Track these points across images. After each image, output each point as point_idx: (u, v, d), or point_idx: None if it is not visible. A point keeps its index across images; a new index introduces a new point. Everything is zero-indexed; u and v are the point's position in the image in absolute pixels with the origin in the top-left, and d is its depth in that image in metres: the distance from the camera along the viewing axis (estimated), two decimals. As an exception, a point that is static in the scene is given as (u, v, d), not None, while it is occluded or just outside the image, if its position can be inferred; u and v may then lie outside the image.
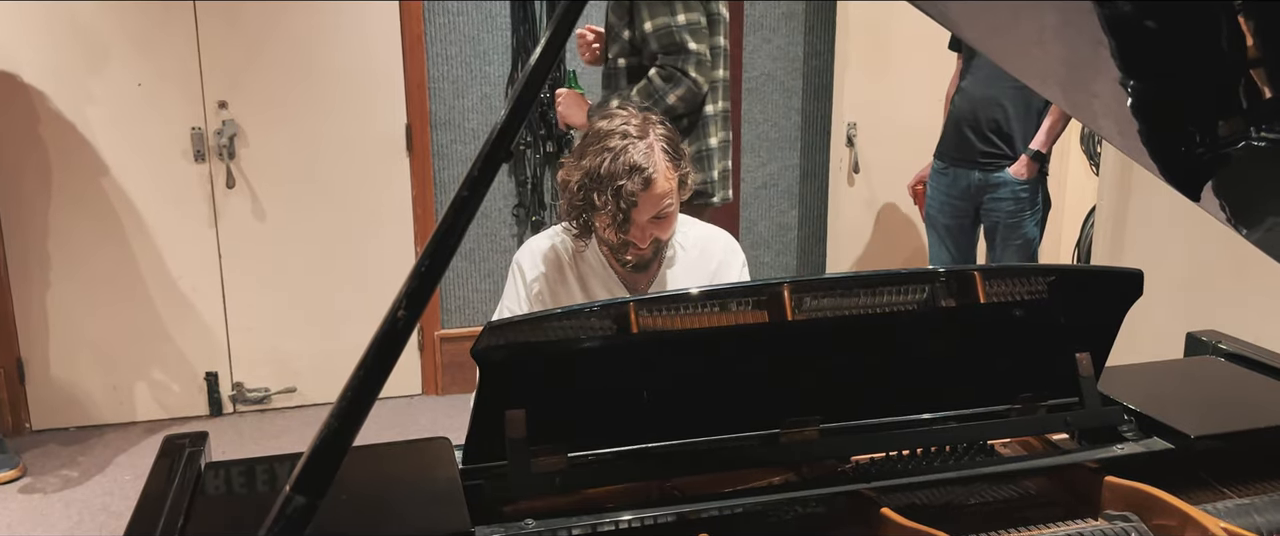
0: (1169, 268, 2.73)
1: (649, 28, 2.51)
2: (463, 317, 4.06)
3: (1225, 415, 1.40)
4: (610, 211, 1.81)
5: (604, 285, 1.98)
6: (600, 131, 1.86)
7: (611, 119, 1.87)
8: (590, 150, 1.84)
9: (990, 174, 3.46)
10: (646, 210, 1.84)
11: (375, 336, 0.84)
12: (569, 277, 1.99)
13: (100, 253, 3.63)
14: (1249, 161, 0.95)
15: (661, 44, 2.52)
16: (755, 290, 1.21)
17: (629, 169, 1.80)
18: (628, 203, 1.81)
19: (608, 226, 1.86)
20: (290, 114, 3.70)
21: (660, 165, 1.83)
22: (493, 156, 0.82)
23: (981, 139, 3.45)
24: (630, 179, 1.79)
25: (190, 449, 1.23)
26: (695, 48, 2.53)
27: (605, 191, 1.80)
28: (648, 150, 1.82)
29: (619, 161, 1.80)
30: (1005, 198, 3.46)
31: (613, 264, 1.98)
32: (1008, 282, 1.29)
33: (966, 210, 3.58)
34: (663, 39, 2.52)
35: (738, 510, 1.17)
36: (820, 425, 1.25)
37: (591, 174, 1.82)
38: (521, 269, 2.00)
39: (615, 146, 1.81)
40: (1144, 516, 1.16)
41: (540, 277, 1.98)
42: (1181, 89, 0.95)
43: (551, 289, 1.98)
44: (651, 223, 1.86)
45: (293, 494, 0.82)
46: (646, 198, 1.82)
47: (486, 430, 1.14)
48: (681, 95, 2.55)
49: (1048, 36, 0.98)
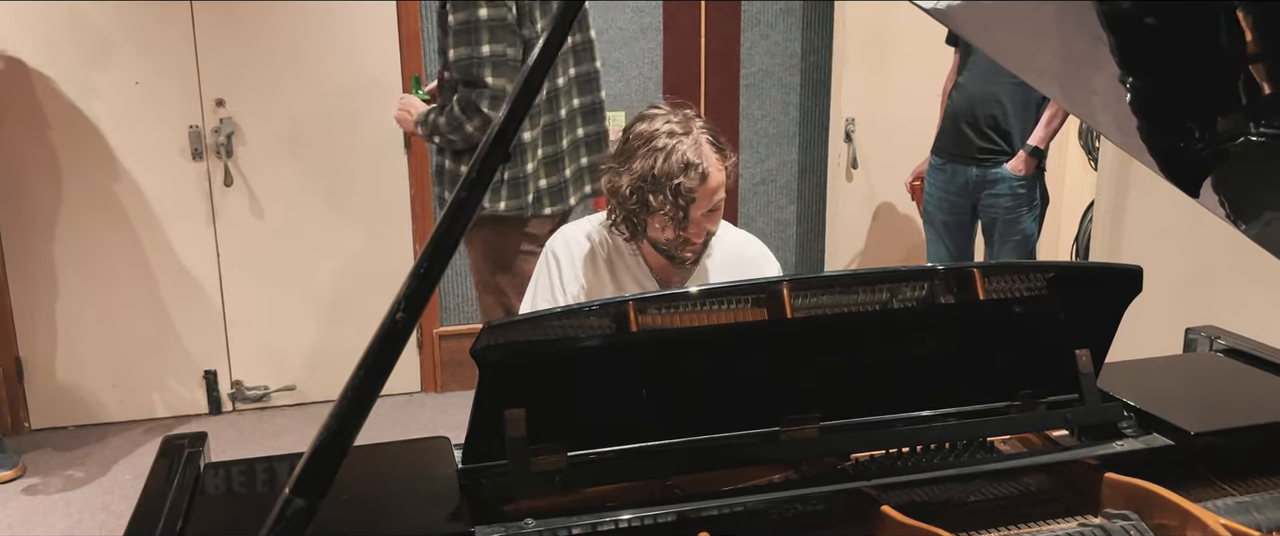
0: (1168, 263, 2.73)
1: (452, 56, 2.49)
2: (462, 315, 4.06)
3: (1225, 411, 1.40)
4: (669, 210, 1.82)
5: (636, 280, 1.98)
6: (643, 134, 1.85)
7: (651, 120, 1.87)
8: (639, 153, 1.84)
9: (988, 170, 3.46)
10: (702, 204, 1.85)
11: (374, 338, 0.84)
12: (603, 269, 1.98)
13: (99, 251, 3.63)
14: (1248, 157, 0.95)
15: (462, 75, 2.49)
16: (754, 288, 1.20)
17: (683, 166, 1.80)
18: (686, 199, 1.81)
19: (665, 226, 1.86)
20: (288, 112, 3.69)
21: (711, 158, 1.84)
22: (490, 158, 0.82)
23: (979, 135, 3.45)
24: (686, 175, 1.80)
25: (190, 449, 1.23)
26: (492, 82, 2.47)
27: (662, 191, 1.81)
28: (696, 145, 1.83)
29: (672, 160, 1.80)
30: (1003, 194, 3.45)
31: (649, 261, 1.97)
32: (1007, 279, 1.29)
33: (964, 206, 3.58)
34: (464, 70, 2.48)
35: (738, 508, 1.17)
36: (820, 423, 1.25)
37: (645, 176, 1.82)
38: (557, 258, 1.99)
39: (664, 146, 1.82)
40: (1144, 513, 1.16)
41: (575, 267, 1.98)
42: (1180, 85, 0.95)
43: (585, 280, 1.98)
44: (706, 216, 1.88)
45: (292, 496, 0.82)
46: (703, 191, 1.83)
47: (486, 429, 1.14)
48: (477, 126, 2.52)
49: (1046, 31, 0.97)
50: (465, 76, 2.49)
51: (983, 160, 3.46)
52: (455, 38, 2.46)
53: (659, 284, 1.98)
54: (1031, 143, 3.38)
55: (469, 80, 2.49)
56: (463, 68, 2.48)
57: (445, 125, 2.56)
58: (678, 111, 1.90)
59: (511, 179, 2.64)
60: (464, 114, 2.51)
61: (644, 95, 4.03)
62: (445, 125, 2.56)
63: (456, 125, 2.54)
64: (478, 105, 2.49)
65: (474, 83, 2.49)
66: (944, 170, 3.58)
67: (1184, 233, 2.72)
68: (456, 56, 2.47)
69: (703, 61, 4.07)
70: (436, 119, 2.60)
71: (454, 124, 2.54)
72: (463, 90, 2.51)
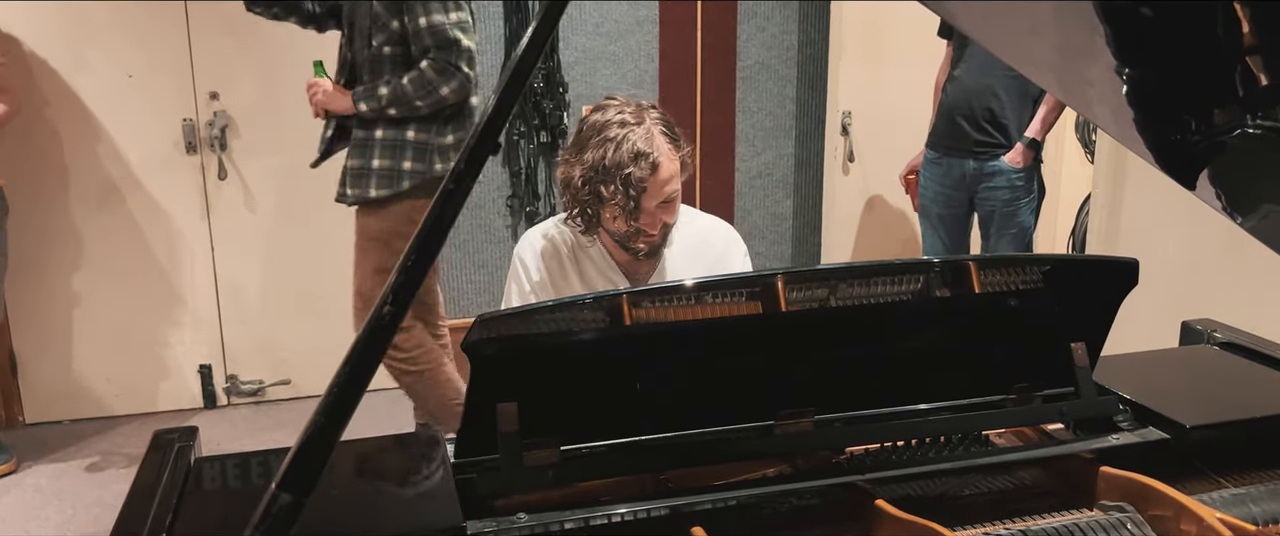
0: (1164, 256, 2.72)
1: (424, 23, 2.66)
2: (457, 308, 4.05)
3: (1220, 404, 1.39)
4: (620, 201, 1.81)
5: (604, 276, 1.97)
6: (596, 124, 1.84)
7: (605, 110, 1.86)
8: (590, 144, 1.83)
9: (985, 163, 3.45)
10: (654, 195, 1.84)
11: (361, 333, 0.83)
12: (569, 269, 1.98)
13: (92, 245, 3.62)
14: (1244, 149, 0.94)
15: (436, 39, 2.67)
16: (748, 281, 1.20)
17: (634, 156, 1.79)
18: (637, 190, 1.81)
19: (617, 217, 1.85)
20: (282, 105, 3.68)
21: (663, 148, 1.83)
22: (478, 151, 0.81)
23: (976, 128, 3.44)
24: (636, 165, 1.79)
25: (180, 444, 1.22)
26: (467, 44, 2.71)
27: (613, 181, 1.80)
28: (648, 135, 1.82)
29: (622, 150, 1.79)
30: (1001, 186, 3.45)
31: (614, 254, 1.97)
32: (1002, 272, 1.28)
33: (961, 200, 3.57)
34: (438, 35, 2.67)
35: (732, 502, 1.16)
36: (814, 417, 1.24)
37: (595, 166, 1.81)
38: (524, 263, 1.99)
39: (616, 136, 1.81)
40: (1139, 506, 1.16)
41: (541, 270, 1.97)
42: (1177, 77, 0.94)
43: (553, 281, 1.97)
44: (660, 207, 1.87)
45: (278, 491, 0.81)
46: (654, 182, 1.82)
47: (478, 423, 1.13)
48: (454, 88, 2.71)
49: (1042, 24, 0.97)
50: (439, 41, 2.67)
51: (980, 153, 3.46)
52: (425, 7, 2.66)
53: (625, 276, 1.97)
54: (1029, 134, 3.38)
55: (441, 43, 2.68)
56: (437, 33, 2.67)
57: (414, 91, 2.70)
58: (632, 102, 1.89)
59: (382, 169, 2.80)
60: (440, 76, 2.69)
61: (640, 88, 4.02)
62: (414, 91, 2.70)
63: (430, 88, 2.70)
64: (456, 65, 2.70)
65: (449, 45, 2.68)
66: (940, 164, 3.58)
67: (1180, 225, 2.72)
68: (429, 23, 2.66)
69: (699, 54, 4.06)
70: (399, 87, 2.70)
71: (427, 88, 2.69)
72: (436, 54, 2.68)
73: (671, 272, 1.99)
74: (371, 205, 2.83)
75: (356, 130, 2.82)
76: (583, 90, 3.96)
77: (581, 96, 3.97)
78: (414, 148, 2.79)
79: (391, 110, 2.73)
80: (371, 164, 2.81)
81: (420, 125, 2.78)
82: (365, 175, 2.82)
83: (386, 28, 2.71)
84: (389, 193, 2.80)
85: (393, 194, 2.80)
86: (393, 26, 2.71)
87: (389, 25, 2.71)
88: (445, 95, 2.71)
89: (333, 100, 2.82)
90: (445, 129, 2.81)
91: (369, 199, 2.81)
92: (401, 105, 2.72)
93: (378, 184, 2.80)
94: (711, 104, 4.13)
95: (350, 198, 2.85)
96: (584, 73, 3.96)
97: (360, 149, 2.82)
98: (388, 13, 2.70)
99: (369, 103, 2.74)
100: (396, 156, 2.80)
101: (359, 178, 2.83)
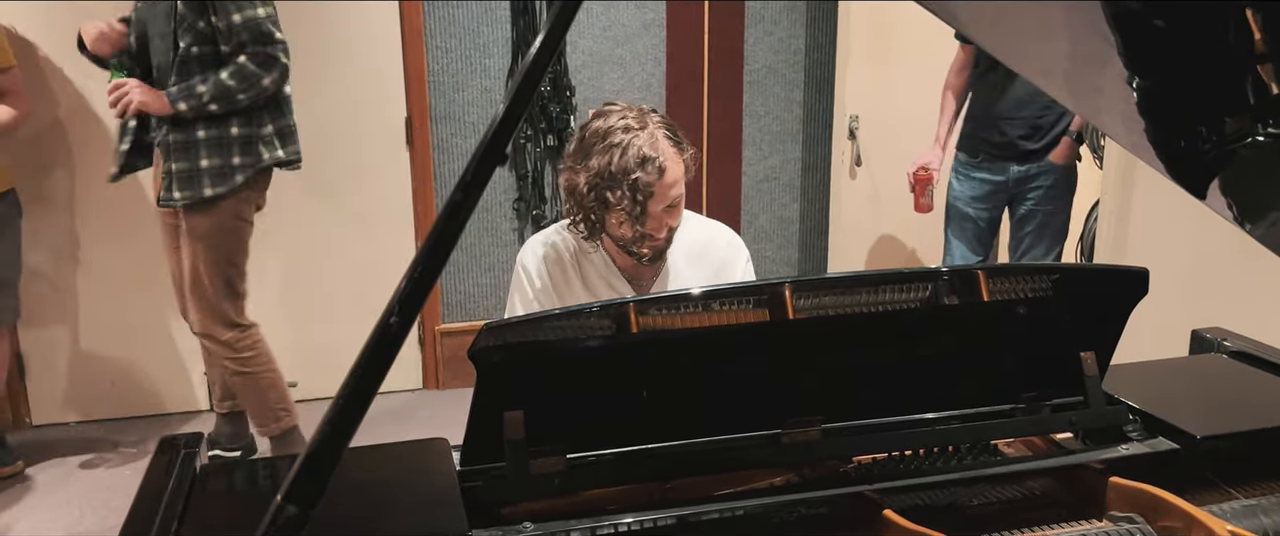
0: (1174, 264, 2.71)
1: (238, 19, 2.74)
2: (463, 312, 4.05)
3: (1232, 414, 1.38)
4: (626, 206, 1.81)
5: (607, 283, 1.97)
6: (599, 130, 1.84)
7: (607, 117, 1.86)
8: (595, 150, 1.83)
9: (1030, 165, 3.48)
10: (661, 199, 1.84)
11: (368, 342, 0.83)
12: (572, 276, 1.97)
13: (99, 247, 3.62)
14: (1256, 159, 0.93)
15: (252, 33, 2.76)
16: (756, 290, 1.19)
17: (640, 161, 1.79)
18: (644, 194, 1.81)
19: (623, 222, 1.85)
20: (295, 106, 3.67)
21: (667, 152, 1.83)
22: (487, 159, 0.81)
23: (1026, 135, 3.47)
24: (643, 170, 1.79)
25: (186, 449, 1.21)
26: (281, 35, 2.81)
27: (619, 187, 1.80)
28: (652, 139, 1.82)
29: (628, 155, 1.79)
30: (1045, 186, 3.49)
31: (617, 260, 1.96)
32: (1011, 281, 1.27)
33: (998, 203, 3.61)
34: (253, 29, 2.75)
35: (739, 512, 1.15)
36: (822, 425, 1.24)
37: (601, 173, 1.81)
38: (526, 270, 1.99)
39: (620, 141, 1.81)
40: (1149, 518, 1.15)
41: (544, 277, 1.97)
42: (1188, 85, 0.94)
43: (556, 288, 1.97)
44: (665, 211, 1.87)
45: (284, 503, 0.80)
46: (660, 186, 1.82)
47: (484, 431, 1.13)
48: (275, 78, 2.81)
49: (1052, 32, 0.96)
50: (254, 35, 2.76)
51: (1029, 156, 3.48)
52: (236, 4, 2.74)
53: (628, 282, 1.97)
54: (1073, 128, 3.41)
55: (258, 38, 2.77)
56: (251, 28, 2.75)
57: (237, 85, 2.76)
58: (634, 107, 1.89)
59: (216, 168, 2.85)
60: (262, 69, 2.78)
61: (647, 91, 4.02)
62: (237, 85, 2.76)
63: (252, 82, 2.78)
64: (275, 57, 2.79)
65: (265, 39, 2.77)
66: (980, 169, 3.58)
67: (1189, 233, 2.70)
68: (244, 19, 2.75)
69: (706, 58, 4.06)
70: (219, 83, 2.75)
71: (248, 82, 2.76)
72: (254, 49, 2.77)
73: (675, 278, 1.99)
74: (203, 203, 2.85)
75: (173, 133, 2.82)
76: (589, 94, 3.96)
77: (588, 100, 3.97)
78: (241, 142, 2.85)
79: (212, 107, 2.77)
80: (200, 164, 2.83)
81: (242, 119, 2.84)
82: (195, 176, 2.84)
83: (193, 28, 2.75)
84: (225, 190, 2.84)
85: (228, 190, 2.84)
86: (200, 26, 2.76)
87: (196, 25, 2.75)
88: (267, 86, 2.80)
89: (149, 100, 2.79)
90: (265, 119, 2.88)
91: (203, 199, 2.84)
92: (223, 101, 2.77)
93: (211, 182, 2.83)
94: (718, 108, 4.13)
95: (180, 200, 2.85)
96: (591, 76, 3.96)
97: (182, 151, 2.82)
98: (193, 13, 2.74)
99: (188, 102, 2.76)
100: (225, 153, 2.83)
101: (189, 179, 2.84)
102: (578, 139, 1.90)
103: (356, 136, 3.77)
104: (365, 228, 3.85)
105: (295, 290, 3.83)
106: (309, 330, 3.86)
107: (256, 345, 3.08)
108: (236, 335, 3.04)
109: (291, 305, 3.84)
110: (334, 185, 3.79)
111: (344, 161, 3.78)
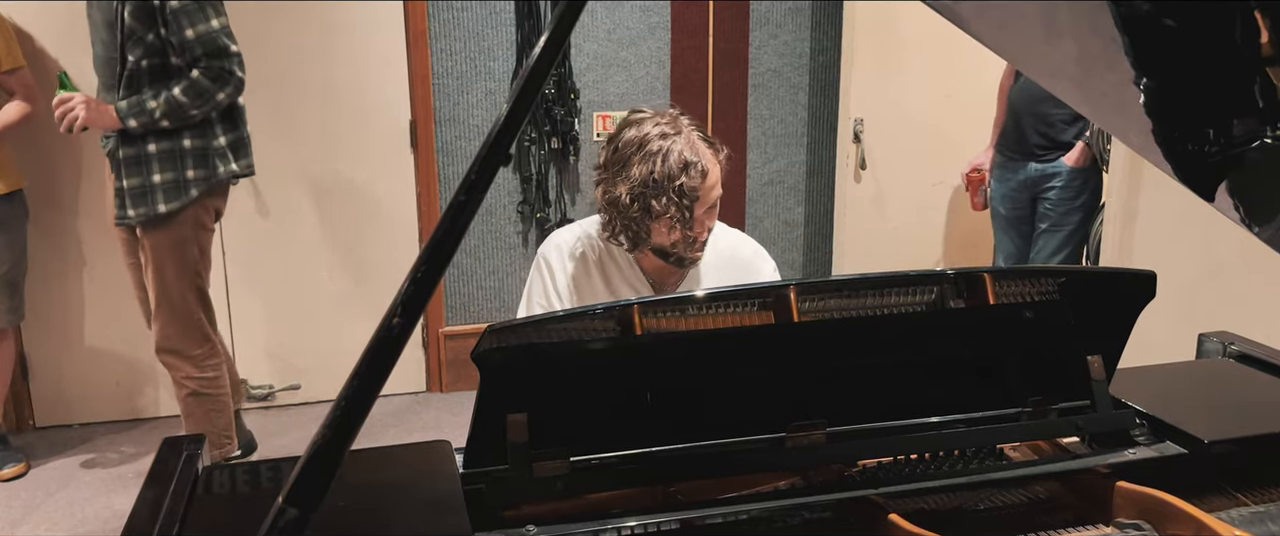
0: (1180, 267, 2.70)
1: (192, 34, 2.68)
2: (467, 315, 4.05)
3: (1239, 419, 1.37)
4: (672, 212, 1.81)
5: (630, 284, 1.96)
6: (634, 140, 1.83)
7: (639, 125, 1.85)
8: (634, 160, 1.82)
9: (1047, 165, 3.57)
10: (704, 201, 1.85)
11: (369, 344, 0.82)
12: (594, 275, 1.97)
13: (103, 249, 3.62)
14: (1263, 160, 0.93)
15: (207, 47, 2.70)
16: (760, 292, 1.19)
17: (682, 166, 1.80)
18: (691, 199, 1.81)
19: (671, 228, 1.84)
20: (294, 110, 3.68)
21: (706, 154, 1.84)
22: (490, 161, 0.80)
23: (1037, 131, 3.55)
24: (687, 175, 1.80)
25: (188, 451, 1.21)
26: (235, 49, 2.76)
27: (665, 194, 1.80)
28: (690, 144, 1.83)
29: (670, 162, 1.79)
30: (1058, 187, 3.56)
31: (641, 263, 1.96)
32: (1018, 284, 1.27)
33: (1025, 201, 3.70)
34: (207, 44, 2.70)
35: (743, 516, 1.15)
36: (826, 429, 1.23)
37: (645, 182, 1.80)
38: (549, 264, 1.98)
39: (659, 149, 1.81)
40: (1156, 523, 1.14)
41: (566, 272, 1.96)
42: (1196, 87, 0.93)
43: (577, 284, 1.96)
44: (706, 213, 1.88)
45: (286, 505, 0.80)
46: (704, 189, 1.83)
47: (487, 434, 1.12)
48: (229, 92, 2.76)
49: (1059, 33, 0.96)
50: (209, 49, 2.71)
51: (1041, 155, 3.58)
52: (190, 18, 2.68)
53: (652, 287, 1.96)
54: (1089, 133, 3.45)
55: (213, 52, 2.71)
56: (206, 42, 2.70)
57: (191, 101, 2.71)
58: (664, 112, 1.88)
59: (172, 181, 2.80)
60: (216, 84, 2.73)
61: (651, 94, 4.02)
62: (191, 101, 2.71)
63: (207, 96, 2.73)
64: (231, 71, 2.74)
65: (220, 53, 2.72)
66: (1007, 167, 3.70)
67: (1196, 235, 2.69)
68: (197, 34, 2.69)
69: (711, 61, 4.05)
70: (172, 98, 2.70)
71: (203, 96, 2.72)
72: (209, 62, 2.71)
73: (700, 285, 1.99)
74: (159, 219, 2.80)
75: (123, 148, 2.76)
76: (594, 97, 3.96)
77: (593, 103, 3.96)
78: (194, 155, 2.80)
79: (164, 123, 2.72)
80: (152, 179, 2.77)
81: (195, 131, 2.79)
82: (148, 192, 2.78)
83: (142, 42, 2.69)
84: (179, 205, 2.79)
85: (183, 205, 2.80)
86: (149, 40, 2.69)
87: (145, 39, 2.69)
88: (221, 100, 2.75)
89: (97, 117, 2.72)
90: (218, 131, 2.83)
91: (158, 215, 2.78)
92: (175, 117, 2.72)
93: (165, 198, 2.78)
94: (723, 111, 4.12)
95: (135, 218, 2.79)
96: (595, 79, 3.96)
97: (134, 166, 2.76)
98: (143, 26, 2.68)
99: (139, 118, 2.71)
100: (178, 167, 2.78)
101: (141, 196, 2.78)
102: (611, 150, 1.88)
103: (361, 139, 3.77)
104: (369, 230, 3.85)
105: (299, 292, 3.83)
106: (313, 332, 3.86)
107: (220, 364, 3.03)
108: (206, 350, 2.98)
109: (296, 307, 3.84)
110: (339, 187, 3.79)
111: (349, 164, 3.78)
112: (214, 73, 2.72)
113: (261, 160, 3.68)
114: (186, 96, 2.71)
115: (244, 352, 3.85)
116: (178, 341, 2.93)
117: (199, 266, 2.93)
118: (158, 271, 2.86)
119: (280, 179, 3.73)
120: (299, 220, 3.77)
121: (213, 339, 3.02)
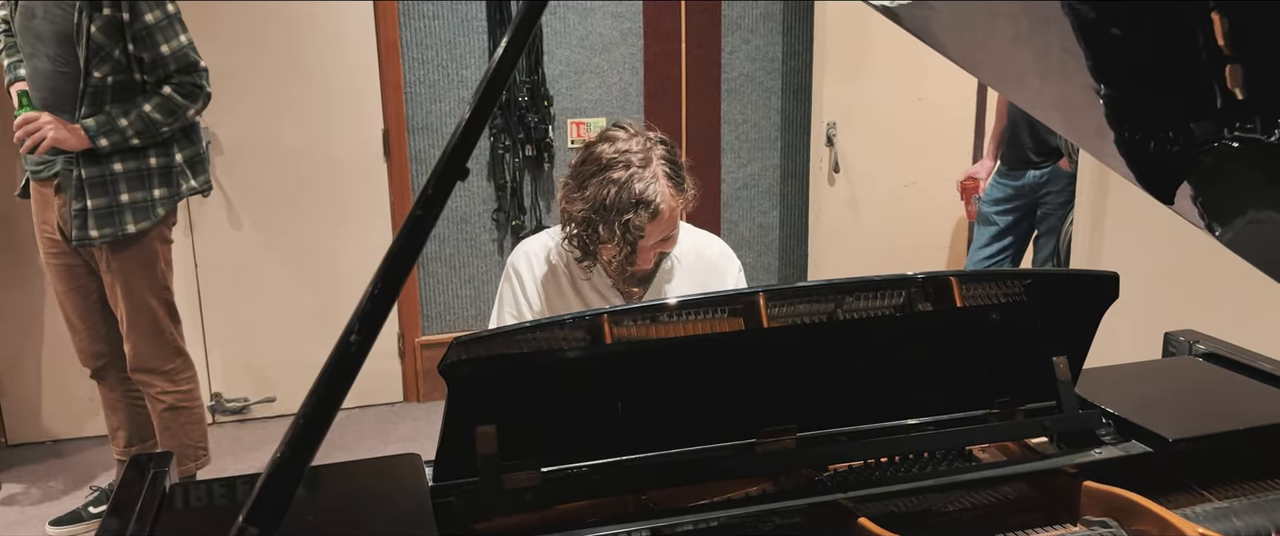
0: (1147, 267, 2.73)
1: (166, 51, 2.67)
2: (443, 324, 4.03)
3: (1204, 417, 1.39)
4: (617, 242, 1.79)
5: (599, 293, 1.96)
6: (601, 159, 1.80)
7: (612, 142, 1.81)
8: (593, 181, 1.79)
9: (1044, 172, 3.70)
10: (653, 237, 1.82)
11: (327, 362, 0.82)
12: (564, 284, 1.96)
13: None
14: (1221, 163, 0.94)
15: (179, 63, 2.70)
16: (729, 299, 1.19)
17: (635, 202, 1.76)
18: (634, 235, 1.78)
19: (613, 254, 1.84)
20: (266, 120, 3.66)
21: (665, 193, 1.79)
22: (447, 175, 0.80)
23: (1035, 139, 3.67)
24: (636, 213, 1.76)
25: (154, 469, 1.20)
26: (204, 64, 2.76)
27: (611, 224, 1.77)
28: (652, 179, 1.78)
29: (624, 195, 1.76)
30: (1056, 192, 3.69)
31: (609, 272, 1.96)
32: (983, 287, 1.28)
33: (1025, 208, 3.81)
34: (180, 59, 2.70)
35: (714, 523, 1.15)
36: (796, 434, 1.24)
37: (596, 206, 1.78)
38: (519, 273, 1.97)
39: (619, 178, 1.77)
40: (1123, 521, 1.15)
41: (536, 280, 1.96)
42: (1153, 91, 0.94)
43: (546, 293, 1.96)
44: (656, 245, 1.86)
45: (245, 525, 0.79)
46: (653, 227, 1.80)
47: (457, 446, 1.12)
48: (199, 108, 2.77)
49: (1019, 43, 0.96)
50: (182, 65, 2.70)
51: (1038, 163, 3.71)
52: (163, 34, 2.66)
53: (620, 293, 1.96)
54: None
55: (184, 67, 2.71)
56: (179, 58, 2.69)
57: (163, 117, 2.69)
58: (642, 136, 1.84)
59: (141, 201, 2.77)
60: (188, 99, 2.72)
61: (625, 100, 4.02)
62: (163, 117, 2.69)
63: (179, 113, 2.71)
64: (201, 86, 2.74)
65: (191, 68, 2.72)
66: (1009, 175, 3.82)
67: (1163, 236, 2.72)
68: (172, 50, 2.67)
69: (684, 66, 4.06)
70: (144, 115, 2.66)
71: (175, 112, 2.71)
72: (181, 78, 2.70)
73: (668, 288, 1.99)
74: (127, 239, 2.75)
75: (85, 169, 2.66)
76: (568, 103, 3.96)
77: (566, 110, 3.96)
78: (159, 174, 2.76)
79: (135, 141, 2.67)
80: (119, 199, 2.71)
81: (159, 150, 2.75)
82: (114, 212, 2.71)
83: (109, 58, 2.62)
84: (149, 224, 2.75)
85: (153, 224, 2.76)
86: (115, 55, 2.62)
87: (112, 55, 2.62)
88: (191, 116, 2.75)
89: (64, 137, 2.62)
90: (175, 148, 2.79)
91: (127, 235, 2.73)
92: (147, 135, 2.68)
93: (134, 218, 2.72)
94: (696, 115, 4.13)
95: (98, 239, 2.70)
96: (569, 86, 3.96)
97: (99, 186, 2.68)
98: (111, 42, 2.61)
99: (110, 138, 2.63)
100: (145, 186, 2.74)
101: (107, 216, 2.71)
102: (581, 159, 1.85)
103: (333, 149, 3.75)
104: (344, 240, 3.83)
105: (274, 304, 3.80)
106: (287, 344, 3.83)
107: (194, 376, 2.99)
108: (180, 363, 2.95)
109: (270, 319, 3.81)
110: (313, 198, 3.77)
111: (321, 174, 3.76)
112: (186, 89, 2.71)
113: (234, 172, 3.67)
114: (159, 113, 2.67)
115: (218, 365, 3.82)
116: (151, 359, 2.90)
117: (166, 280, 2.90)
118: (128, 291, 2.81)
119: (253, 190, 3.70)
120: (273, 232, 3.75)
121: (185, 352, 2.99)
